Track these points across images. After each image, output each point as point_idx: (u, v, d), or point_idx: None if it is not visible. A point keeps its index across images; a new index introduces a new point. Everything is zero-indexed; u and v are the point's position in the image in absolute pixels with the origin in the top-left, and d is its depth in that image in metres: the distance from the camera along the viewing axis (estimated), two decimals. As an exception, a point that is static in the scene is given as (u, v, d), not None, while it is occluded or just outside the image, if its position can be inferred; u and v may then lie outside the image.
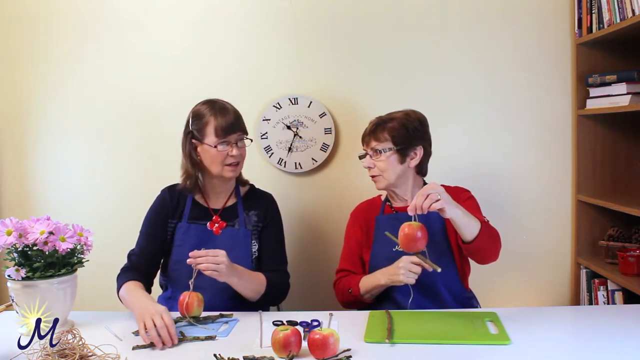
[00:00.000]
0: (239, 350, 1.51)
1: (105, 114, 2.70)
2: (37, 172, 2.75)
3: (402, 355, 1.49)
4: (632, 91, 2.25)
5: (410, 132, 2.00)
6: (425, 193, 1.66)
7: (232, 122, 1.96)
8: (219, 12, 2.64)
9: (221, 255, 1.75)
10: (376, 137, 2.00)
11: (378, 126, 2.01)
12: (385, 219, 2.07)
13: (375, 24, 2.61)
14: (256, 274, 1.95)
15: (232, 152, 1.96)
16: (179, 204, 2.06)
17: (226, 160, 1.96)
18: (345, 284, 2.02)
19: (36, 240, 1.62)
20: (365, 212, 2.14)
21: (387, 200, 2.13)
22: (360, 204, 2.20)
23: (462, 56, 2.60)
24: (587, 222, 2.58)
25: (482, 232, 1.76)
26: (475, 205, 2.04)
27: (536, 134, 2.61)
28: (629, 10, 2.16)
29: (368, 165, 2.03)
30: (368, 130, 2.04)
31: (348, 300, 2.02)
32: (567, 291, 2.67)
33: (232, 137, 1.96)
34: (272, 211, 2.10)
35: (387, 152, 1.99)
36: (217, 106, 1.98)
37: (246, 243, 2.01)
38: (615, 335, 1.59)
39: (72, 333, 1.44)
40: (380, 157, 2.00)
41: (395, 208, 2.09)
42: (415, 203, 1.65)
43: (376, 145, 2.00)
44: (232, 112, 1.98)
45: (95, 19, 2.67)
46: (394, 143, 1.99)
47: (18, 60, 2.71)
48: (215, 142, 1.94)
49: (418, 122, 2.03)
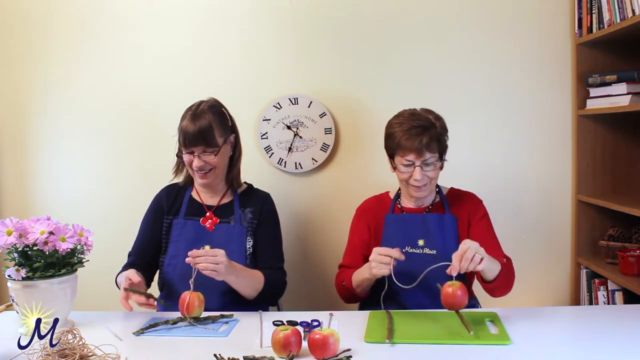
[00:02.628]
0: (239, 350, 1.51)
1: (105, 114, 2.70)
2: (37, 172, 2.75)
3: (402, 355, 1.49)
4: (632, 91, 2.25)
5: (446, 137, 1.98)
6: (468, 257, 1.63)
7: (194, 135, 1.94)
8: (219, 12, 2.64)
9: (220, 255, 1.75)
10: (430, 149, 1.91)
11: (430, 137, 1.90)
12: (394, 219, 2.04)
13: (375, 24, 2.61)
14: (254, 272, 1.96)
15: (193, 163, 1.98)
16: (175, 201, 2.09)
17: (192, 166, 1.99)
18: (341, 278, 2.01)
19: (36, 240, 1.62)
20: (373, 210, 2.10)
21: (396, 198, 2.10)
22: (367, 200, 2.17)
23: (462, 56, 2.60)
24: (587, 222, 2.58)
25: (502, 272, 1.80)
26: (489, 225, 2.03)
27: (536, 134, 2.61)
28: (629, 10, 2.16)
29: (419, 177, 1.92)
30: (424, 142, 1.89)
31: (345, 295, 2.01)
32: (567, 291, 2.67)
33: (193, 149, 1.96)
34: (268, 209, 2.10)
35: (437, 162, 1.94)
36: (192, 114, 1.97)
37: (241, 239, 2.02)
38: (615, 335, 1.59)
39: (72, 333, 1.44)
40: (430, 167, 1.93)
41: (404, 208, 2.07)
42: (460, 266, 1.63)
43: (430, 157, 1.92)
44: (198, 124, 1.94)
45: (95, 19, 2.66)
46: (439, 152, 1.94)
47: (18, 61, 2.70)
48: (183, 150, 1.99)
49: (444, 123, 1.99)
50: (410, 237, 2.00)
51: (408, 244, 1.98)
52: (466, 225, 2.01)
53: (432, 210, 2.04)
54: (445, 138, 1.97)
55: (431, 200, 2.06)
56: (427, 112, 2.00)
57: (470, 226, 2.01)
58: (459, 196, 2.08)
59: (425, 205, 2.05)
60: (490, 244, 1.96)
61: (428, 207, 2.05)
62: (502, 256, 1.91)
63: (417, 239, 1.99)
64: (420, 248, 1.98)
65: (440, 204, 2.06)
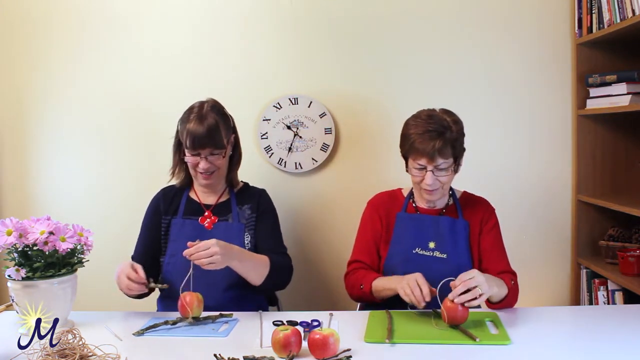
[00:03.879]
0: (239, 350, 1.51)
1: (105, 114, 2.70)
2: (37, 172, 2.74)
3: (402, 355, 1.49)
4: (632, 91, 2.25)
5: (462, 141, 1.93)
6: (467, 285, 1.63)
7: (202, 138, 1.93)
8: (219, 12, 2.64)
9: (212, 245, 1.73)
10: (443, 155, 1.86)
11: (444, 142, 1.85)
12: (407, 218, 2.02)
13: (375, 24, 2.61)
14: (258, 255, 1.95)
15: (199, 165, 1.97)
16: (173, 201, 2.09)
17: (197, 168, 1.99)
18: (358, 279, 1.95)
19: (36, 240, 1.62)
20: (386, 205, 2.06)
21: (410, 196, 2.07)
22: (379, 194, 2.12)
23: (462, 56, 2.60)
24: (587, 222, 2.58)
25: (507, 296, 1.82)
26: (499, 236, 2.01)
27: (536, 134, 2.61)
28: (629, 10, 2.16)
29: (430, 182, 1.88)
30: (437, 147, 1.84)
31: (358, 295, 1.96)
32: (567, 291, 2.67)
33: (201, 151, 1.96)
34: (265, 203, 2.12)
35: (450, 167, 1.91)
36: (197, 115, 1.96)
37: (240, 236, 2.03)
38: (615, 335, 1.59)
39: (72, 333, 1.44)
40: (443, 172, 1.89)
41: (418, 208, 2.04)
42: (459, 298, 1.63)
43: (443, 162, 1.88)
44: (207, 125, 1.94)
45: (95, 19, 2.66)
46: (454, 157, 1.90)
47: (18, 61, 2.70)
48: (187, 152, 1.98)
49: (462, 126, 1.94)
50: (421, 238, 1.98)
51: (418, 245, 1.96)
52: (477, 232, 2.00)
53: (446, 213, 2.02)
54: (460, 142, 1.92)
55: (444, 203, 2.03)
56: (445, 113, 1.93)
57: (481, 233, 2.00)
58: (472, 201, 2.06)
59: (439, 207, 2.03)
60: (498, 257, 1.97)
61: (442, 209, 2.03)
62: (510, 273, 1.91)
63: (428, 241, 1.97)
64: (431, 251, 1.96)
65: (454, 208, 2.03)
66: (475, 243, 1.99)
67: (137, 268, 1.82)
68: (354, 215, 2.13)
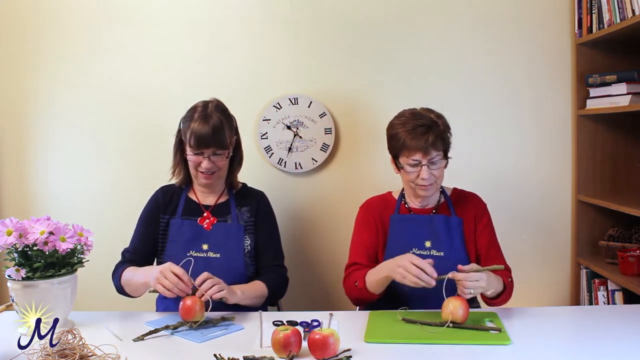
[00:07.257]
0: (239, 350, 1.51)
1: (105, 114, 2.70)
2: (37, 172, 2.74)
3: (402, 355, 1.49)
4: (632, 91, 2.25)
5: (449, 134, 1.96)
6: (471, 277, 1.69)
7: (206, 137, 1.93)
8: (219, 12, 2.64)
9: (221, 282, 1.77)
10: (436, 147, 1.90)
11: (435, 135, 1.89)
12: (401, 219, 2.03)
13: (375, 24, 2.61)
14: (254, 284, 1.96)
15: (202, 165, 1.97)
16: (172, 200, 2.09)
17: (199, 168, 1.98)
18: (353, 278, 1.95)
19: (36, 240, 1.61)
20: (379, 208, 2.07)
21: (401, 198, 2.08)
22: (371, 199, 2.13)
23: (462, 56, 2.60)
24: (587, 222, 2.58)
25: (504, 292, 1.87)
26: (492, 232, 2.03)
27: (536, 134, 2.61)
28: (629, 10, 2.16)
29: (427, 176, 1.90)
30: (430, 141, 1.88)
31: (356, 296, 1.95)
32: (567, 291, 2.67)
33: (204, 150, 1.96)
34: (264, 207, 2.12)
35: (442, 159, 1.94)
36: (201, 114, 1.96)
37: (238, 237, 2.03)
38: (615, 335, 1.59)
39: (72, 333, 1.44)
40: (436, 166, 1.92)
41: (411, 209, 2.05)
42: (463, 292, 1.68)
43: (436, 155, 1.91)
44: (211, 124, 1.93)
45: (95, 19, 2.66)
46: (444, 150, 1.94)
47: (18, 61, 2.70)
48: (189, 150, 1.97)
49: (446, 120, 1.97)
50: (417, 239, 1.98)
51: (415, 245, 1.97)
52: (472, 228, 2.01)
53: (438, 211, 2.03)
54: (448, 135, 1.96)
55: (436, 201, 2.05)
56: (427, 111, 1.99)
57: (476, 231, 2.01)
58: (463, 197, 2.07)
59: (431, 206, 2.04)
60: (495, 255, 1.99)
61: (434, 208, 2.04)
62: (506, 269, 1.93)
63: (424, 241, 1.98)
64: (427, 250, 1.97)
65: (446, 205, 2.04)
66: (471, 239, 2.00)
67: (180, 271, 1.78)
68: (354, 215, 2.13)
